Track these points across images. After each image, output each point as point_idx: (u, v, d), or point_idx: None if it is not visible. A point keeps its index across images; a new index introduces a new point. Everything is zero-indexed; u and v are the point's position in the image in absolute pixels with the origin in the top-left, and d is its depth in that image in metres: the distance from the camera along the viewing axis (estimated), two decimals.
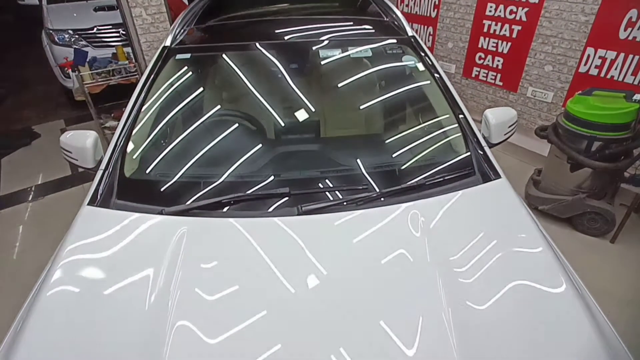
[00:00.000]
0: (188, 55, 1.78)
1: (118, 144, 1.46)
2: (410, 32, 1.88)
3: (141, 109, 1.56)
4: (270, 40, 1.78)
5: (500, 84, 3.67)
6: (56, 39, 4.40)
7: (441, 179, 1.36)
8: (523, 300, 1.00)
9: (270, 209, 1.26)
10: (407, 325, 0.92)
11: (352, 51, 1.75)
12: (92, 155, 1.50)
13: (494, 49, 3.59)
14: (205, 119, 1.60)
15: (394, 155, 1.51)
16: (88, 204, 1.31)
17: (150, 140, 1.53)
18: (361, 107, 1.69)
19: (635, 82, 2.76)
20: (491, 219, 1.27)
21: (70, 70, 3.33)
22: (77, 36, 4.34)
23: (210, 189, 1.34)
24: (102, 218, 1.27)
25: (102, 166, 1.42)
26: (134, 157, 1.47)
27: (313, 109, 1.62)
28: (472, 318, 0.94)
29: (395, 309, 0.97)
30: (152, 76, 1.66)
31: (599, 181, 2.56)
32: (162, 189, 1.35)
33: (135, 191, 1.35)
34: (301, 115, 1.59)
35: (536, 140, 3.31)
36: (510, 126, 1.65)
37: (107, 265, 1.11)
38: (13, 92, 5.70)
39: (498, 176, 1.40)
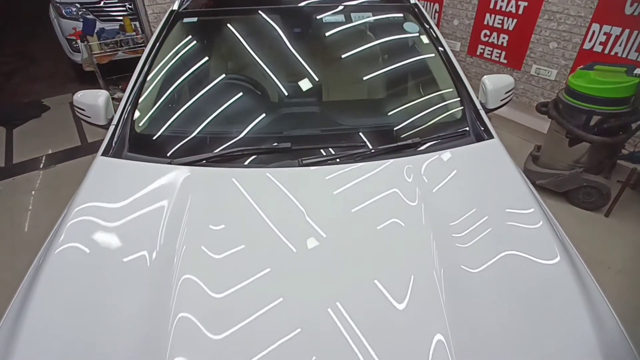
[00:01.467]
0: (195, 19, 1.83)
1: (129, 101, 1.52)
2: (412, 0, 1.92)
3: (150, 69, 1.62)
4: (274, 4, 1.82)
5: (505, 61, 3.68)
6: (63, 12, 4.42)
7: (436, 138, 1.43)
8: (512, 263, 1.02)
9: (273, 162, 1.34)
10: (399, 282, 0.96)
11: (355, 16, 1.79)
12: (104, 113, 1.57)
13: (500, 26, 3.58)
14: (212, 80, 1.66)
15: (392, 116, 1.57)
16: (102, 155, 1.40)
17: (159, 98, 1.60)
18: (362, 71, 1.74)
19: (639, 59, 2.77)
20: (482, 176, 1.34)
21: (79, 41, 3.39)
22: (84, 9, 4.37)
23: (216, 142, 1.41)
24: (114, 167, 1.35)
25: (114, 121, 1.49)
26: (145, 113, 1.54)
27: (315, 72, 1.68)
28: (462, 277, 0.98)
29: (389, 264, 1.02)
30: (160, 38, 1.72)
31: (596, 156, 2.60)
32: (171, 143, 1.43)
33: (146, 144, 1.43)
34: (304, 77, 1.65)
35: (538, 118, 3.34)
36: (507, 92, 1.70)
37: (117, 215, 1.17)
38: (21, 67, 5.77)
39: (491, 136, 1.46)
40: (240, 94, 1.59)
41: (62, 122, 4.09)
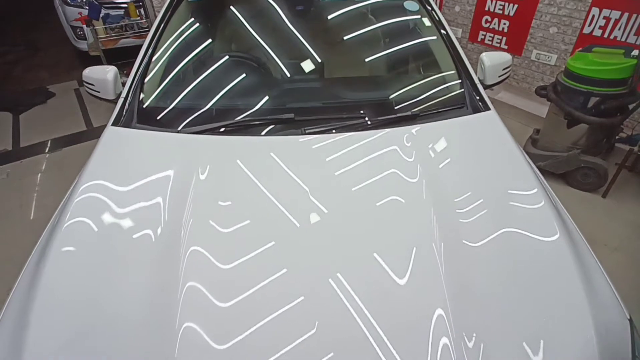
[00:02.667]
0: None
1: (137, 75, 1.57)
2: None
3: (157, 45, 1.67)
4: None
5: (506, 47, 3.70)
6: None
7: (435, 110, 1.47)
8: (511, 235, 1.05)
9: (277, 131, 1.38)
10: (398, 254, 0.98)
11: None
12: (113, 88, 1.62)
13: (501, 12, 3.60)
14: (217, 56, 1.71)
15: (391, 90, 1.62)
16: (112, 125, 1.45)
17: (166, 72, 1.64)
18: (362, 47, 1.78)
19: (638, 42, 2.80)
20: (479, 146, 1.38)
21: (84, 26, 3.44)
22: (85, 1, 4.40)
23: (222, 114, 1.46)
24: (124, 136, 1.41)
25: (123, 94, 1.55)
26: (152, 86, 1.59)
27: (318, 49, 1.72)
28: (461, 250, 1.00)
29: (389, 235, 1.05)
30: (166, 16, 1.76)
31: (594, 137, 2.64)
32: (178, 114, 1.48)
33: (154, 115, 1.48)
34: (306, 53, 1.69)
35: (538, 103, 3.38)
36: (504, 69, 1.74)
37: (127, 182, 1.21)
38: (26, 56, 5.82)
39: (488, 108, 1.50)
40: (245, 69, 1.63)
41: (68, 108, 4.15)
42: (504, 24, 3.62)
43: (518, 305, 0.91)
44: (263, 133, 1.38)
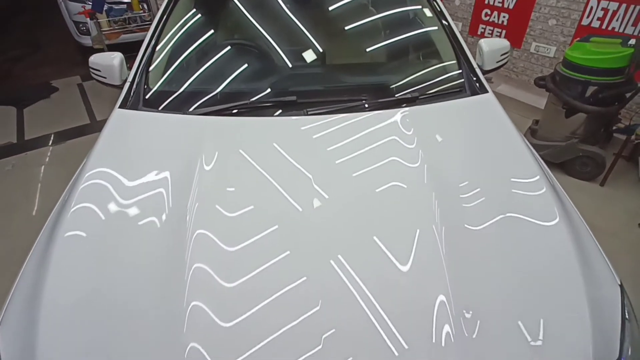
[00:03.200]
0: None
1: (144, 59, 1.61)
2: None
3: (163, 30, 1.71)
4: None
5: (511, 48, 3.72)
6: None
7: (433, 92, 1.51)
8: (509, 216, 1.06)
9: (280, 113, 1.42)
10: (399, 234, 1.01)
11: None
12: (119, 74, 1.66)
13: (500, 5, 3.63)
14: (221, 40, 1.74)
15: (391, 74, 1.66)
16: (119, 107, 1.48)
17: (172, 57, 1.67)
18: (363, 33, 1.81)
19: (636, 33, 2.83)
20: (477, 127, 1.42)
21: (88, 19, 3.48)
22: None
23: (227, 97, 1.49)
24: (131, 118, 1.44)
25: (130, 78, 1.58)
26: (158, 70, 1.62)
27: (319, 35, 1.75)
28: (461, 229, 1.02)
29: (388, 216, 1.07)
30: (171, 4, 1.80)
31: (592, 126, 2.67)
32: (184, 97, 1.51)
33: (160, 98, 1.52)
34: (308, 39, 1.72)
35: (538, 95, 3.41)
36: (502, 54, 1.77)
37: (134, 163, 1.25)
38: (29, 53, 5.86)
39: (485, 91, 1.54)
40: (248, 54, 1.67)
41: (71, 102, 4.18)
42: (504, 17, 3.65)
43: (516, 283, 0.94)
44: (266, 114, 1.42)
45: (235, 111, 1.41)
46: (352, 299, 0.87)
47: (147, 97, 1.51)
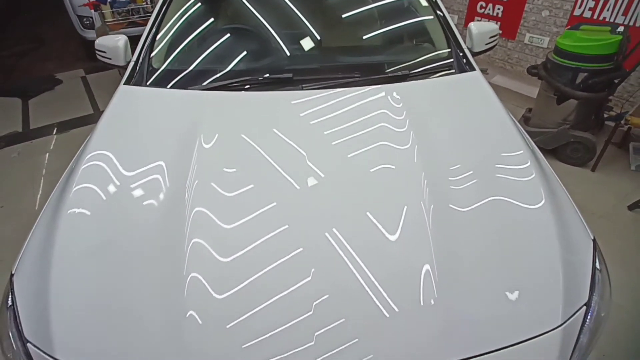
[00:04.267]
0: None
1: (148, 38, 1.69)
2: None
3: (166, 13, 1.79)
4: None
5: (500, 32, 3.79)
6: None
7: (424, 69, 1.58)
8: (495, 192, 1.10)
9: (277, 88, 1.49)
10: (390, 207, 1.05)
11: None
12: (124, 55, 1.74)
13: None
14: (221, 22, 1.82)
15: (383, 53, 1.74)
16: (124, 84, 1.56)
17: (174, 37, 1.75)
18: (358, 16, 1.88)
19: (626, 22, 2.90)
20: (465, 101, 1.49)
21: (92, 10, 3.57)
22: None
23: (227, 74, 1.56)
24: (136, 93, 1.52)
25: (134, 57, 1.66)
26: (162, 50, 1.69)
27: (315, 18, 1.82)
28: (446, 202, 1.06)
29: (380, 188, 1.11)
30: None
31: (583, 112, 2.74)
32: (186, 75, 1.58)
33: (163, 75, 1.59)
34: (305, 20, 1.78)
35: (532, 86, 3.48)
36: (491, 37, 1.85)
37: (138, 135, 1.33)
38: (33, 48, 5.95)
39: (473, 69, 1.61)
40: (247, 35, 1.74)
41: (75, 94, 4.27)
42: (498, 9, 3.72)
43: (495, 239, 1.00)
44: (263, 90, 1.49)
45: (234, 86, 1.49)
46: (345, 266, 0.92)
47: (150, 74, 1.59)
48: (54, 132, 3.53)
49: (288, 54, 1.68)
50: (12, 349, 0.89)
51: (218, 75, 1.57)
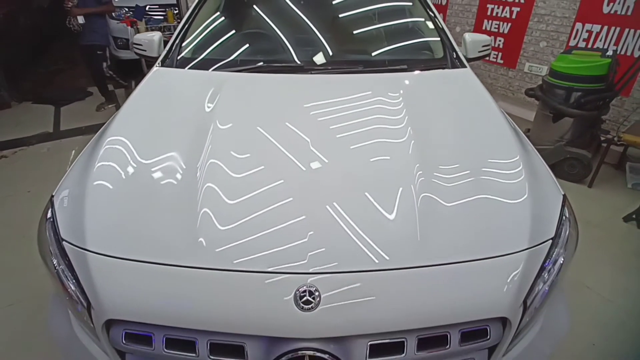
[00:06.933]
0: None
1: (181, 32, 1.94)
2: None
3: (198, 13, 2.06)
4: None
5: (501, 62, 4.05)
6: (113, 14, 5.07)
7: (420, 63, 1.78)
8: (476, 165, 1.19)
9: (287, 70, 1.70)
10: (383, 188, 1.11)
11: None
12: (157, 47, 1.99)
13: (496, 30, 4.00)
14: (241, 21, 2.09)
15: (386, 48, 1.94)
16: (157, 66, 1.79)
17: (200, 33, 1.99)
18: (363, 18, 2.11)
19: (618, 51, 3.11)
20: (455, 89, 1.66)
21: (129, 27, 3.95)
22: (131, 12, 5.00)
23: (246, 62, 1.78)
24: (166, 72, 1.75)
25: (167, 46, 1.90)
26: (190, 40, 1.94)
27: (324, 18, 2.06)
28: (433, 184, 1.12)
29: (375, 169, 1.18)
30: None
31: (578, 129, 2.89)
32: (210, 60, 1.80)
33: (190, 59, 1.82)
34: (315, 20, 2.00)
35: (532, 111, 3.66)
36: (483, 46, 2.05)
37: (165, 104, 1.52)
38: (68, 68, 6.43)
39: (464, 66, 1.80)
40: (265, 32, 1.98)
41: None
42: (500, 40, 4.00)
43: (472, 191, 1.10)
44: (274, 72, 1.69)
45: (249, 68, 1.70)
46: (340, 227, 1.00)
47: (180, 59, 1.82)
48: (81, 133, 3.80)
49: (297, 49, 1.88)
50: (49, 252, 1.02)
51: (238, 62, 1.79)
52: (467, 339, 0.89)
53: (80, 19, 3.76)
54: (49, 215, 1.11)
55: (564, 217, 1.12)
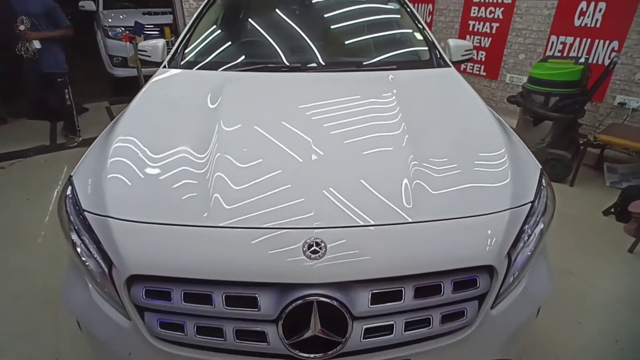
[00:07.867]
0: None
1: (186, 37, 2.07)
2: None
3: (201, 19, 2.20)
4: None
5: (484, 74, 4.28)
6: (109, 33, 5.23)
7: (408, 63, 1.94)
8: (461, 138, 1.33)
9: (285, 69, 1.83)
10: (381, 169, 1.19)
11: None
12: (161, 53, 2.11)
13: (478, 44, 4.24)
14: (242, 26, 2.24)
15: (376, 49, 2.11)
16: (162, 67, 1.91)
17: (203, 36, 2.12)
18: (356, 25, 2.27)
19: (590, 60, 3.34)
20: (440, 84, 1.81)
21: (127, 43, 4.09)
22: (127, 32, 5.16)
23: (247, 63, 1.91)
24: (171, 72, 1.86)
25: (173, 49, 2.03)
26: (192, 43, 2.06)
27: (320, 23, 2.22)
28: (426, 167, 1.19)
29: (365, 149, 1.27)
30: (205, 8, 2.31)
31: (557, 132, 3.07)
32: (212, 61, 1.93)
33: (193, 60, 1.94)
34: (311, 23, 2.18)
35: (514, 119, 3.86)
36: (466, 50, 2.22)
37: (172, 100, 1.63)
38: None
39: (449, 66, 1.96)
40: (265, 35, 2.12)
41: (99, 120, 4.68)
42: (482, 54, 4.24)
43: (459, 158, 1.23)
44: (273, 71, 1.83)
45: (251, 68, 1.83)
46: (337, 209, 1.07)
47: (183, 62, 1.94)
48: (76, 146, 3.87)
49: (294, 49, 2.03)
50: (69, 225, 1.10)
51: (240, 62, 1.92)
52: (458, 288, 0.98)
53: (37, 44, 3.45)
54: (69, 192, 1.19)
55: (542, 187, 1.24)
